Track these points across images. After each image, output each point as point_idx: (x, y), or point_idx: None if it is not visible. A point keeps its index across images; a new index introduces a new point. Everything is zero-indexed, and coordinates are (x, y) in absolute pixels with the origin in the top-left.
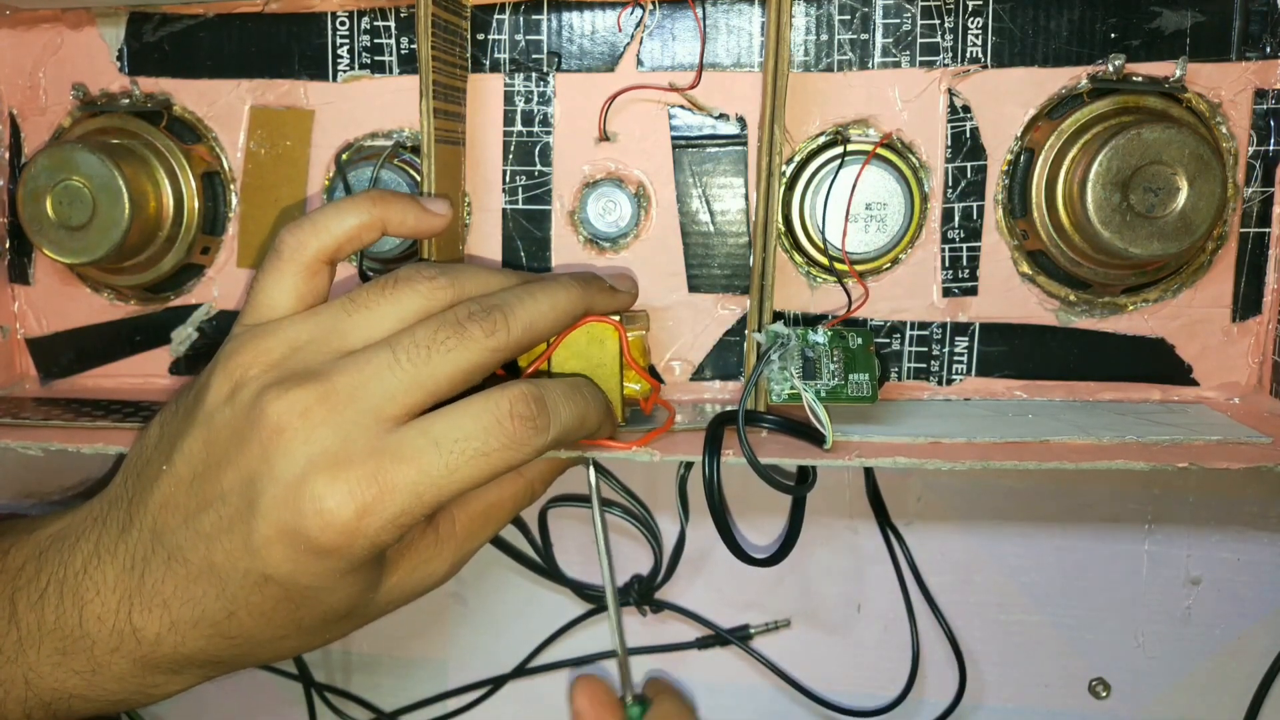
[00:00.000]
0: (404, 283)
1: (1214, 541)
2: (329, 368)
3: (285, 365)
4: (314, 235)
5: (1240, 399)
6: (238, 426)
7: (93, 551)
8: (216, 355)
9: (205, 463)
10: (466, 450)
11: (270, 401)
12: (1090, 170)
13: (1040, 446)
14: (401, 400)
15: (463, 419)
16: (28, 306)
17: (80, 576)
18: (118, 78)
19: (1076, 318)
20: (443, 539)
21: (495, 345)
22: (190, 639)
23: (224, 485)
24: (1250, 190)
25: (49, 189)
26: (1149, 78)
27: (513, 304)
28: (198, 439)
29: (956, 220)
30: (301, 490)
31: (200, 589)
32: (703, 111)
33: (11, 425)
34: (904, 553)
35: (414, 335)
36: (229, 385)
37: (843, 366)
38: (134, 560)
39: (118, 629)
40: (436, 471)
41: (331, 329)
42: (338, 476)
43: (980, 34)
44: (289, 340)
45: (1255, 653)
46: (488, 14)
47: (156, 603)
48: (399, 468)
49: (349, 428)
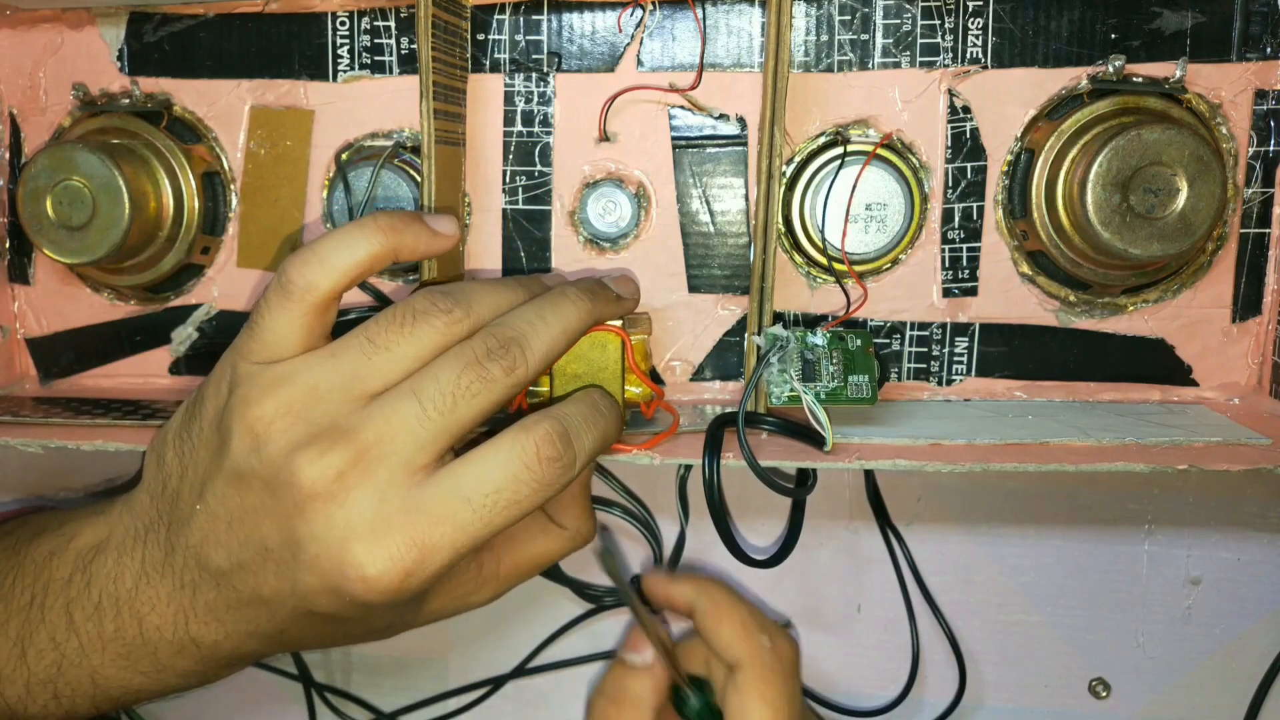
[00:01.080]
0: (421, 318)
1: (1214, 541)
2: (356, 422)
3: (309, 417)
4: (325, 275)
5: (1240, 399)
6: (269, 483)
7: (140, 570)
8: (231, 392)
9: (242, 509)
10: (499, 502)
11: (304, 466)
12: (1090, 171)
13: (1040, 448)
14: (430, 450)
15: (491, 470)
16: (27, 306)
17: (134, 593)
18: (118, 78)
19: (1076, 318)
20: (486, 577)
21: (516, 382)
22: (246, 645)
23: (264, 532)
24: (1250, 191)
25: (49, 189)
26: (1149, 78)
27: (528, 335)
28: (229, 486)
29: (956, 221)
30: (343, 555)
31: (251, 612)
32: (703, 112)
33: (11, 423)
34: (904, 553)
35: (438, 382)
36: (251, 438)
37: (842, 368)
38: (183, 582)
39: (177, 637)
40: (473, 527)
41: (353, 375)
42: (378, 543)
43: (980, 34)
44: (309, 387)
45: (1255, 653)
46: (488, 14)
47: (211, 618)
48: (436, 529)
49: (384, 488)
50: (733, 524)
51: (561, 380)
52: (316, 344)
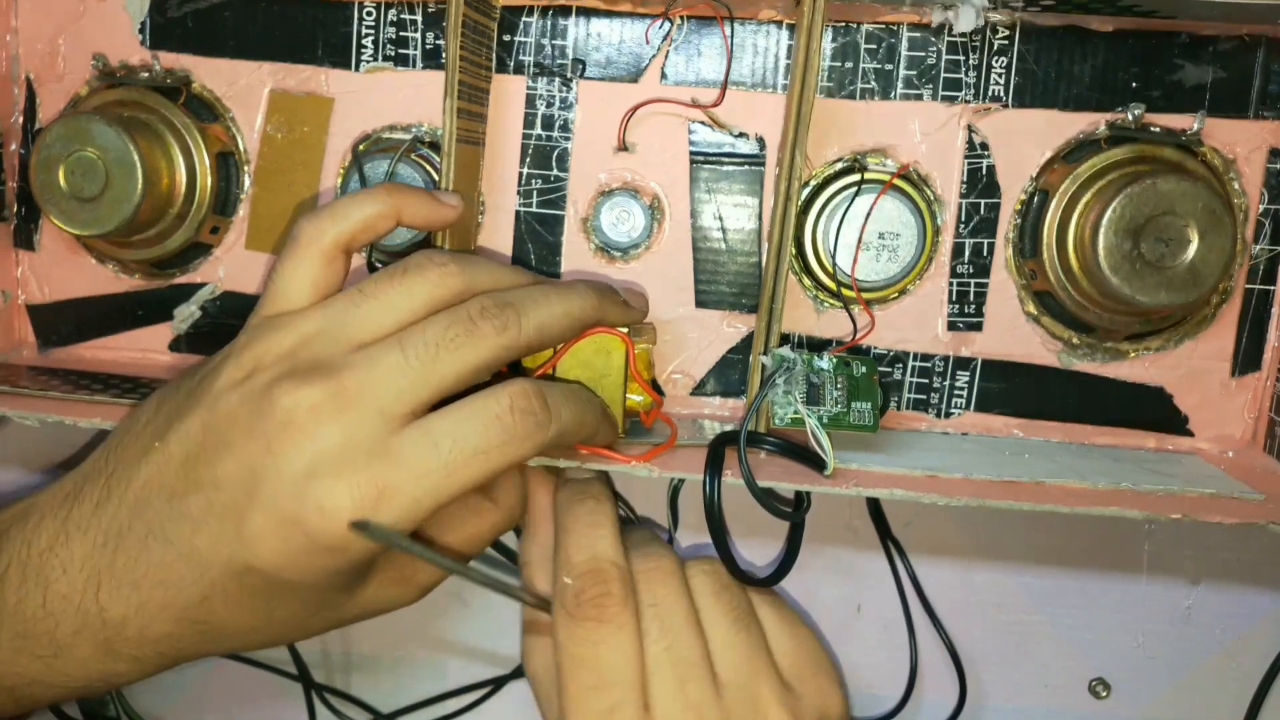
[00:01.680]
0: (414, 270)
1: (1214, 541)
2: (339, 363)
3: (296, 357)
4: (332, 223)
5: (1234, 453)
6: (243, 414)
7: (60, 528)
8: (231, 344)
9: (202, 445)
10: (465, 450)
11: (281, 395)
12: (1103, 216)
13: (1036, 488)
14: (409, 399)
15: (461, 418)
16: (31, 273)
17: (46, 555)
18: (138, 50)
19: (1078, 360)
20: (418, 562)
21: (505, 343)
22: (157, 622)
23: (220, 471)
24: (1258, 247)
25: (63, 159)
26: (1167, 129)
27: (526, 303)
28: (197, 420)
29: (966, 255)
30: (305, 486)
31: (177, 571)
32: (723, 129)
33: (9, 394)
34: (900, 557)
35: (424, 333)
36: (240, 373)
37: (846, 394)
38: (107, 536)
39: (83, 609)
40: (436, 474)
41: (342, 320)
42: (341, 476)
43: (1004, 73)
44: (301, 332)
45: (1255, 653)
46: (516, 15)
47: (126, 582)
48: (399, 471)
49: (356, 426)
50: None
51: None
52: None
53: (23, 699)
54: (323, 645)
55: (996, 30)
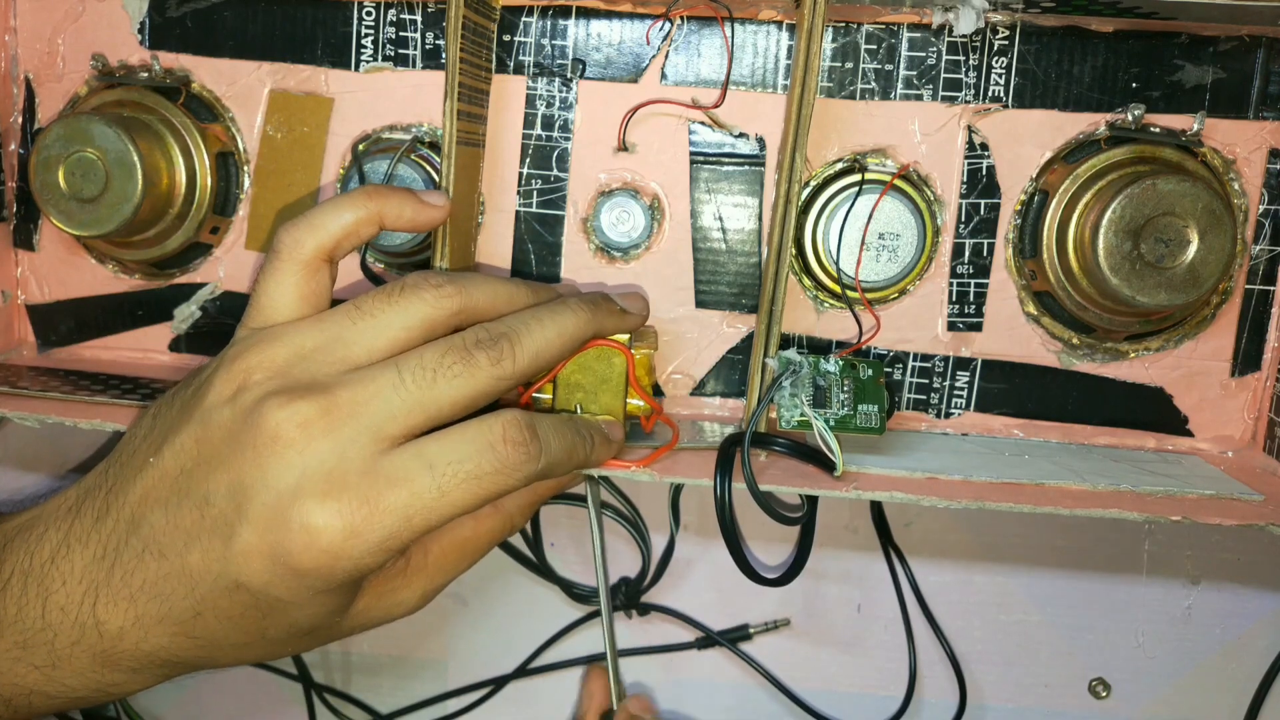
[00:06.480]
0: (410, 290)
1: (1214, 541)
2: (333, 381)
3: (290, 374)
4: (310, 232)
5: (1234, 453)
6: (234, 429)
7: (62, 541)
8: (220, 356)
9: (195, 460)
10: (459, 473)
11: (271, 410)
12: (1103, 216)
13: (1036, 489)
14: (402, 421)
15: (456, 442)
16: (30, 273)
17: (47, 566)
18: (138, 50)
19: (1078, 361)
20: (413, 570)
21: (500, 374)
22: (153, 635)
23: (211, 485)
24: (1258, 248)
25: (62, 159)
26: (1167, 129)
27: (520, 332)
28: (190, 435)
29: (966, 256)
30: (292, 504)
31: (170, 586)
32: (723, 129)
33: (9, 394)
34: (900, 562)
35: (421, 358)
36: (231, 387)
37: (852, 396)
38: (105, 550)
39: (80, 621)
40: (428, 495)
41: (337, 337)
42: (329, 495)
43: (1004, 74)
44: (295, 347)
45: (1255, 653)
46: (515, 16)
47: (123, 595)
48: (391, 490)
49: (346, 445)
50: (743, 542)
51: (565, 390)
52: (311, 311)
53: (21, 709)
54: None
55: (997, 31)
